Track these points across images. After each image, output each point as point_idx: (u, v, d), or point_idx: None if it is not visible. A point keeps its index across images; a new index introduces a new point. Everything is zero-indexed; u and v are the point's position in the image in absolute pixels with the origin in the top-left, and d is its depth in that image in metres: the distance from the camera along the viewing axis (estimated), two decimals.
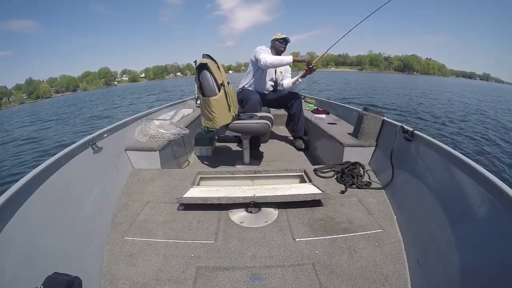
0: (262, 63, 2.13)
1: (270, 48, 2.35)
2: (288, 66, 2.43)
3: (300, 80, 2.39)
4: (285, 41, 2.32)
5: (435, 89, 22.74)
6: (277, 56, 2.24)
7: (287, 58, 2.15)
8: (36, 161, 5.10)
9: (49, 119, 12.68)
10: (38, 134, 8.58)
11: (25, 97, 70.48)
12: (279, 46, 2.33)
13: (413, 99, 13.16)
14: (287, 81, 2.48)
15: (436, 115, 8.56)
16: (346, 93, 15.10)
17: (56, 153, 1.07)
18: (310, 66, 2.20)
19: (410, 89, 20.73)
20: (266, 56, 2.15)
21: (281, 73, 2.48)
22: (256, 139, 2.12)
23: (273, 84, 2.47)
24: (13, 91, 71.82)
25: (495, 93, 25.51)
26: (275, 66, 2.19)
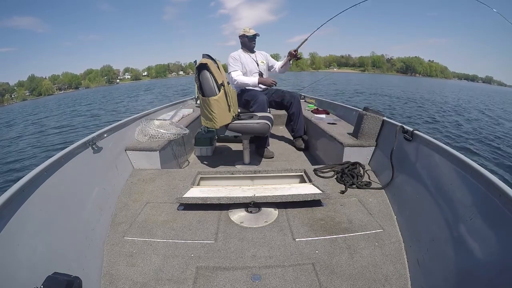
0: (231, 79, 2.29)
1: (241, 45, 2.38)
2: (267, 54, 2.57)
3: (289, 63, 2.50)
4: (255, 37, 2.35)
5: (436, 91, 22.72)
6: (246, 78, 2.32)
7: (253, 80, 2.31)
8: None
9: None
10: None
11: (27, 93, 70.60)
12: (250, 44, 2.35)
13: (414, 100, 13.13)
14: (278, 65, 2.54)
15: (436, 115, 8.53)
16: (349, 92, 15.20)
17: (56, 153, 1.07)
18: (295, 54, 2.37)
19: (407, 89, 20.80)
20: (236, 75, 2.29)
21: (263, 63, 2.47)
22: (263, 138, 2.14)
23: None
24: (15, 87, 71.97)
25: (495, 95, 25.41)
26: (241, 86, 2.34)
